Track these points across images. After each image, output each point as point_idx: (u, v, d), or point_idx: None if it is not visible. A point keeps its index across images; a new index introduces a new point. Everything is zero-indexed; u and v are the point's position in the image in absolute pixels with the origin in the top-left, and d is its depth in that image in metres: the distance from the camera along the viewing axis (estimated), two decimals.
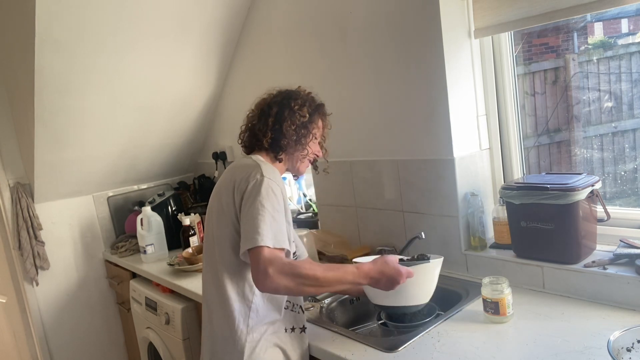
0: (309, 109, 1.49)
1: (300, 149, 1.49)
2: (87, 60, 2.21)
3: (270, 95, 1.53)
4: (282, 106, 1.47)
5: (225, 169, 1.53)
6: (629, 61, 1.88)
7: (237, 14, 2.53)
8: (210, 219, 1.46)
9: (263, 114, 1.48)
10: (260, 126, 1.47)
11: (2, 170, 2.60)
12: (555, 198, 1.49)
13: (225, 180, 1.43)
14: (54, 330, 2.77)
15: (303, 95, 1.52)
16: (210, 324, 1.42)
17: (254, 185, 1.30)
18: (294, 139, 1.46)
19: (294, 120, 1.45)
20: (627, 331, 1.11)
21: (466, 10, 1.75)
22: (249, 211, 1.27)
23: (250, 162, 1.41)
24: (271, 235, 1.23)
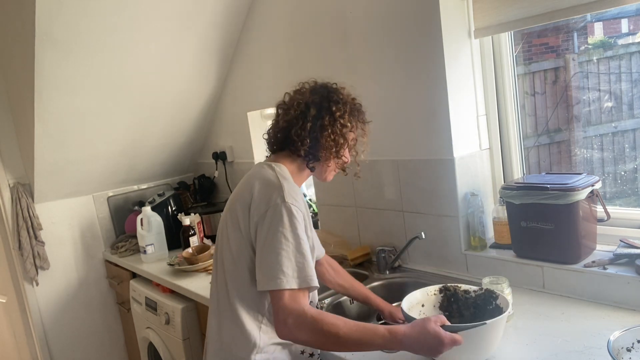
0: (351, 117, 1.36)
1: (336, 160, 1.37)
2: (87, 60, 2.21)
3: (306, 89, 1.38)
4: (321, 110, 1.32)
5: (246, 176, 1.37)
6: (629, 61, 1.88)
7: (237, 14, 2.53)
8: (223, 231, 1.34)
9: (301, 115, 1.32)
10: (298, 130, 1.31)
11: (2, 170, 2.60)
12: (555, 198, 1.49)
13: (242, 192, 1.30)
14: (54, 330, 2.77)
15: (345, 98, 1.37)
16: (218, 334, 1.32)
17: (275, 212, 1.18)
18: (332, 151, 1.33)
19: (334, 130, 1.32)
20: (627, 331, 1.11)
21: (466, 10, 1.75)
22: (271, 243, 1.16)
23: (272, 178, 1.27)
24: (296, 274, 1.14)
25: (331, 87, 1.39)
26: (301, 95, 1.37)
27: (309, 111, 1.32)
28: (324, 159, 1.36)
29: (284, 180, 1.27)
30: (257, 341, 1.25)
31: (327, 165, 1.39)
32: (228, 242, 1.30)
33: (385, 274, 1.94)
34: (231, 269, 1.29)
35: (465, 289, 1.37)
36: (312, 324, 1.11)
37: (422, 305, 1.39)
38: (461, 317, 1.36)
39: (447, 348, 1.10)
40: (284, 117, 1.36)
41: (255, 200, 1.24)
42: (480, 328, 1.13)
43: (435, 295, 1.41)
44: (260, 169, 1.33)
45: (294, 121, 1.33)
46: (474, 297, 1.35)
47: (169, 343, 2.27)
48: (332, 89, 1.38)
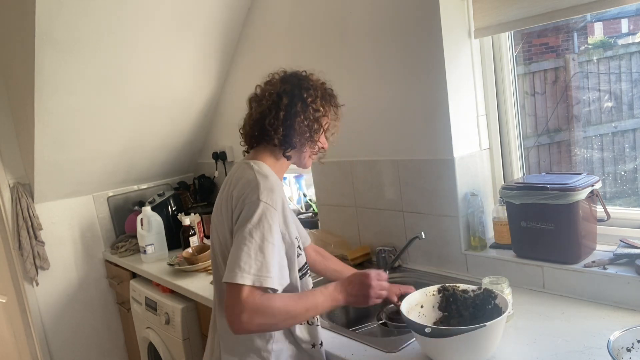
0: (323, 101, 1.38)
1: (311, 145, 1.39)
2: (87, 60, 2.22)
3: (276, 80, 1.40)
4: (293, 97, 1.34)
5: (227, 177, 1.41)
6: (629, 61, 1.88)
7: (237, 14, 2.53)
8: (213, 231, 1.37)
9: (273, 105, 1.34)
10: (271, 120, 1.33)
11: (2, 170, 2.60)
12: (555, 198, 1.49)
13: (225, 193, 1.33)
14: (54, 330, 2.77)
15: (315, 84, 1.39)
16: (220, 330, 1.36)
17: (249, 209, 1.20)
18: (306, 136, 1.35)
19: (307, 115, 1.34)
20: (627, 331, 1.11)
21: (466, 10, 1.75)
22: (238, 239, 1.18)
23: (250, 177, 1.28)
24: (252, 271, 1.14)
25: (301, 75, 1.41)
26: (272, 86, 1.38)
27: (281, 100, 1.34)
28: (300, 145, 1.37)
29: (262, 177, 1.27)
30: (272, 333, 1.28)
31: (302, 151, 1.40)
32: (219, 241, 1.33)
33: (385, 274, 1.94)
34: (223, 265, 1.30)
35: (463, 289, 1.37)
36: (264, 309, 1.14)
37: (421, 306, 1.39)
38: (460, 317, 1.36)
39: (374, 280, 1.29)
40: (257, 109, 1.37)
41: (235, 197, 1.26)
42: (479, 330, 1.13)
43: (434, 295, 1.40)
44: (241, 170, 1.34)
45: (266, 111, 1.34)
46: (473, 297, 1.35)
47: (169, 343, 2.27)
48: (302, 77, 1.40)
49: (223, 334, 1.35)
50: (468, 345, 1.16)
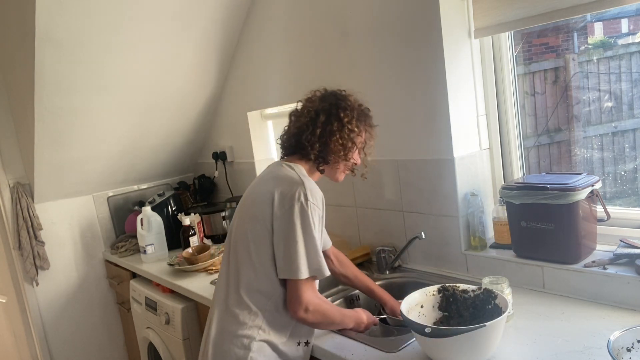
0: (358, 122, 1.46)
1: (345, 162, 1.48)
2: (87, 60, 2.21)
3: (316, 97, 1.48)
4: (330, 116, 1.42)
5: (263, 174, 1.49)
6: (629, 61, 1.88)
7: (237, 14, 2.53)
8: (239, 225, 1.43)
9: (311, 121, 1.43)
10: (308, 136, 1.42)
11: (2, 170, 2.60)
12: (555, 198, 1.49)
13: (262, 189, 1.40)
14: (54, 330, 2.77)
15: (352, 105, 1.47)
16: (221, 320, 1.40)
17: (300, 209, 1.31)
18: (340, 155, 1.44)
19: (342, 135, 1.42)
20: (627, 331, 1.11)
21: (466, 10, 1.75)
22: (294, 237, 1.30)
23: (293, 176, 1.38)
24: (312, 266, 1.31)
25: (340, 95, 1.48)
26: (311, 103, 1.47)
27: (319, 118, 1.42)
28: (333, 162, 1.46)
29: (305, 177, 1.39)
30: (260, 324, 1.36)
31: (336, 167, 1.49)
32: (244, 234, 1.39)
33: (385, 274, 1.94)
34: (244, 258, 1.38)
35: (463, 289, 1.37)
36: (324, 314, 1.37)
37: (421, 306, 1.39)
38: (460, 317, 1.36)
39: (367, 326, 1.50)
40: (296, 123, 1.47)
41: (279, 194, 1.34)
42: (479, 330, 1.13)
43: (434, 295, 1.41)
44: (280, 168, 1.44)
45: (304, 127, 1.43)
46: (473, 297, 1.35)
47: (169, 343, 2.27)
48: (341, 96, 1.47)
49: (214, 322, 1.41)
50: (468, 345, 1.16)
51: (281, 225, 1.32)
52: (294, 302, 1.33)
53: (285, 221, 1.32)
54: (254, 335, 1.34)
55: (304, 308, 1.32)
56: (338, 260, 1.74)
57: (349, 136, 1.43)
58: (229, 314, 1.38)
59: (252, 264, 1.37)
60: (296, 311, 1.33)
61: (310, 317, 1.34)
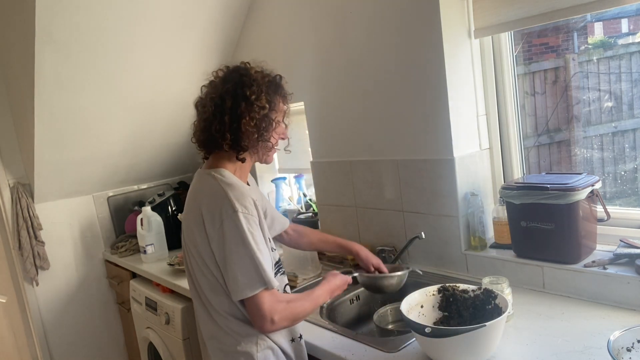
0: (267, 96, 1.31)
1: (264, 143, 1.34)
2: (87, 60, 2.21)
3: (218, 79, 1.35)
4: (236, 97, 1.28)
5: (191, 189, 1.38)
6: (629, 61, 1.88)
7: (237, 13, 2.53)
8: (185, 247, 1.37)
9: (217, 109, 1.29)
10: (217, 126, 1.29)
11: (2, 170, 2.60)
12: (555, 198, 1.49)
13: (192, 209, 1.31)
14: (54, 330, 2.77)
15: (257, 78, 1.31)
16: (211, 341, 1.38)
17: (230, 224, 1.21)
18: (255, 137, 1.31)
19: (253, 115, 1.28)
20: (627, 331, 1.11)
21: (466, 10, 1.75)
22: (233, 255, 1.21)
23: (215, 188, 1.27)
24: (261, 278, 1.22)
25: (242, 70, 1.34)
26: (214, 88, 1.33)
27: (225, 103, 1.29)
28: (251, 145, 1.33)
29: (228, 187, 1.26)
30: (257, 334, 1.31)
31: (256, 151, 1.36)
32: (196, 263, 1.31)
33: None
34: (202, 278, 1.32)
35: (463, 289, 1.37)
36: (292, 314, 1.28)
37: (421, 306, 1.39)
38: (460, 317, 1.36)
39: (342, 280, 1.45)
40: (202, 115, 1.34)
41: (207, 215, 1.25)
42: (479, 330, 1.13)
43: (434, 295, 1.41)
44: (201, 179, 1.34)
45: (211, 117, 1.30)
46: (473, 297, 1.35)
47: (169, 343, 2.27)
48: (243, 72, 1.33)
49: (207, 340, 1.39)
50: (468, 345, 1.16)
51: (218, 246, 1.23)
52: (257, 319, 1.24)
53: (220, 241, 1.23)
54: (254, 349, 1.31)
55: (269, 321, 1.23)
56: (297, 232, 1.71)
57: (259, 114, 1.28)
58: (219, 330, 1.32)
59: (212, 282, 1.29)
60: (262, 326, 1.24)
61: (280, 325, 1.26)
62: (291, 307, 1.29)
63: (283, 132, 1.41)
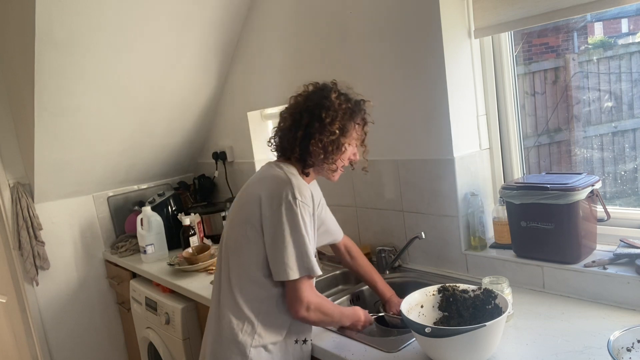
0: (341, 122, 1.38)
1: (329, 165, 1.41)
2: (87, 60, 2.22)
3: (303, 95, 1.43)
4: (312, 117, 1.37)
5: (253, 176, 1.48)
6: (629, 61, 1.88)
7: (237, 14, 2.53)
8: (229, 226, 1.43)
9: (294, 123, 1.39)
10: (290, 138, 1.39)
11: (2, 170, 2.60)
12: (555, 198, 1.49)
13: (250, 191, 1.40)
14: (54, 330, 2.77)
15: (335, 103, 1.38)
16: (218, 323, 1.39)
17: (287, 209, 1.29)
18: (320, 158, 1.39)
19: (322, 138, 1.36)
20: (627, 331, 1.11)
21: (466, 10, 1.75)
22: (284, 238, 1.29)
23: (281, 175, 1.36)
24: (299, 264, 1.29)
25: (326, 92, 1.41)
26: (297, 102, 1.44)
27: (302, 119, 1.38)
28: (316, 164, 1.42)
29: (292, 176, 1.35)
30: (256, 329, 1.35)
31: (321, 170, 1.45)
32: (235, 239, 1.38)
33: (385, 274, 1.94)
34: (235, 261, 1.37)
35: (463, 289, 1.37)
36: (321, 311, 1.36)
37: (421, 306, 1.39)
38: (460, 317, 1.36)
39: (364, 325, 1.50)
40: (281, 124, 1.45)
41: (267, 197, 1.33)
42: (479, 329, 1.13)
43: (434, 295, 1.41)
44: (269, 168, 1.43)
45: (286, 130, 1.41)
46: (473, 297, 1.35)
47: (169, 343, 2.27)
48: (326, 94, 1.40)
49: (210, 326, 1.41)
50: (468, 345, 1.16)
51: (270, 227, 1.31)
52: (295, 302, 1.32)
53: (274, 222, 1.30)
54: (249, 341, 1.34)
55: (305, 307, 1.32)
56: (349, 253, 1.75)
57: (329, 139, 1.36)
58: (224, 320, 1.37)
59: (243, 267, 1.36)
60: (298, 311, 1.32)
61: (312, 316, 1.34)
62: (325, 304, 1.38)
63: (351, 156, 1.48)
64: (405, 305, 1.33)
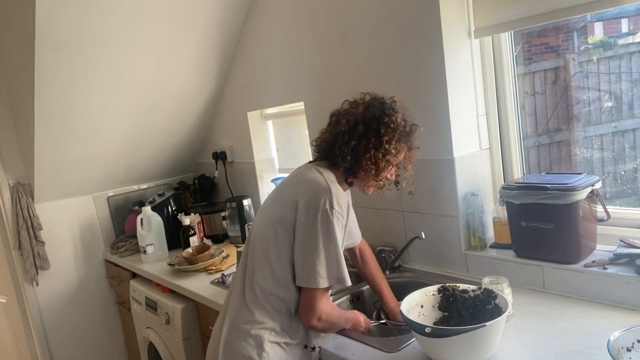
0: (399, 143, 1.37)
1: (377, 181, 1.40)
2: (87, 60, 2.21)
3: (361, 103, 1.40)
4: (369, 130, 1.34)
5: (291, 176, 1.45)
6: (629, 61, 1.88)
7: (237, 13, 2.53)
8: (260, 224, 1.40)
9: (349, 130, 1.35)
10: (342, 146, 1.35)
11: (2, 170, 2.60)
12: (555, 198, 1.49)
13: (288, 191, 1.38)
14: (54, 330, 2.77)
15: (397, 123, 1.36)
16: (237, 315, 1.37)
17: (323, 217, 1.26)
18: (372, 174, 1.36)
19: (377, 154, 1.34)
20: (627, 331, 1.11)
21: (466, 10, 1.75)
22: (316, 245, 1.27)
23: (320, 181, 1.33)
24: (328, 273, 1.28)
25: (387, 107, 1.39)
26: (354, 109, 1.39)
27: (357, 128, 1.35)
28: (363, 177, 1.39)
29: (332, 183, 1.33)
30: (274, 327, 1.34)
31: (365, 183, 1.42)
32: (265, 236, 1.36)
33: (386, 274, 1.94)
34: (261, 259, 1.35)
35: (463, 289, 1.37)
36: (332, 323, 1.36)
37: (421, 306, 1.39)
38: (460, 317, 1.36)
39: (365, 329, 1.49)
40: (333, 128, 1.41)
41: (304, 202, 1.30)
42: (479, 329, 1.13)
43: (434, 295, 1.41)
44: (308, 171, 1.39)
45: (339, 136, 1.37)
46: (473, 297, 1.35)
47: (169, 343, 2.27)
48: (388, 110, 1.38)
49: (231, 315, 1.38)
50: (468, 345, 1.16)
51: (304, 232, 1.28)
52: (308, 310, 1.31)
53: (308, 228, 1.28)
54: (266, 336, 1.32)
55: (317, 317, 1.31)
56: (362, 257, 1.74)
57: (384, 156, 1.34)
58: (245, 310, 1.35)
59: (269, 266, 1.34)
60: (309, 320, 1.31)
61: (321, 326, 1.34)
62: (334, 314, 1.36)
63: (394, 174, 1.47)
64: (405, 305, 1.33)
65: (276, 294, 1.34)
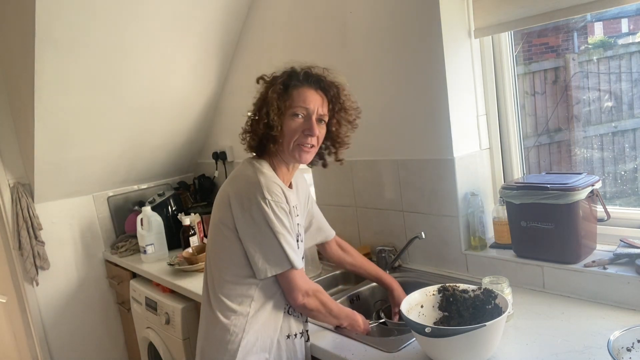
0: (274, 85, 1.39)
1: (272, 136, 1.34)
2: (87, 60, 2.22)
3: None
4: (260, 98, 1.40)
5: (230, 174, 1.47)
6: (629, 61, 1.88)
7: (237, 14, 2.53)
8: (210, 229, 1.42)
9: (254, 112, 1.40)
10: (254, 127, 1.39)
11: (2, 170, 2.60)
12: (555, 198, 1.49)
13: (224, 191, 1.38)
14: (54, 330, 2.77)
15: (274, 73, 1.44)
16: (205, 325, 1.40)
17: (259, 209, 1.27)
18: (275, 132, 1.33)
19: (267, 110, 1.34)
20: (627, 331, 1.11)
21: (466, 10, 1.75)
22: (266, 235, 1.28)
23: (249, 174, 1.33)
24: (289, 258, 1.29)
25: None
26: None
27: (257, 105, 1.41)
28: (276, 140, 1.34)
29: (261, 174, 1.32)
30: (244, 327, 1.33)
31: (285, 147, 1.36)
32: (213, 240, 1.38)
33: None
34: (216, 261, 1.38)
35: (463, 289, 1.37)
36: (319, 298, 1.37)
37: (421, 306, 1.39)
38: (460, 317, 1.36)
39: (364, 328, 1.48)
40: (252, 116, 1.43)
41: (235, 198, 1.31)
42: (479, 329, 1.13)
43: (434, 295, 1.41)
44: (242, 167, 1.41)
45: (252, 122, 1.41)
46: (473, 297, 1.35)
47: (169, 343, 2.27)
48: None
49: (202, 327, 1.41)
50: (468, 345, 1.16)
51: (244, 227, 1.30)
52: (291, 291, 1.32)
53: (247, 223, 1.29)
54: (238, 340, 1.32)
55: (302, 293, 1.32)
56: (342, 248, 1.75)
57: (270, 107, 1.33)
58: (213, 318, 1.35)
59: (226, 267, 1.34)
60: (296, 298, 1.32)
61: (312, 302, 1.34)
62: (323, 292, 1.39)
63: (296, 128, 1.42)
64: (405, 305, 1.33)
65: (238, 292, 1.33)
